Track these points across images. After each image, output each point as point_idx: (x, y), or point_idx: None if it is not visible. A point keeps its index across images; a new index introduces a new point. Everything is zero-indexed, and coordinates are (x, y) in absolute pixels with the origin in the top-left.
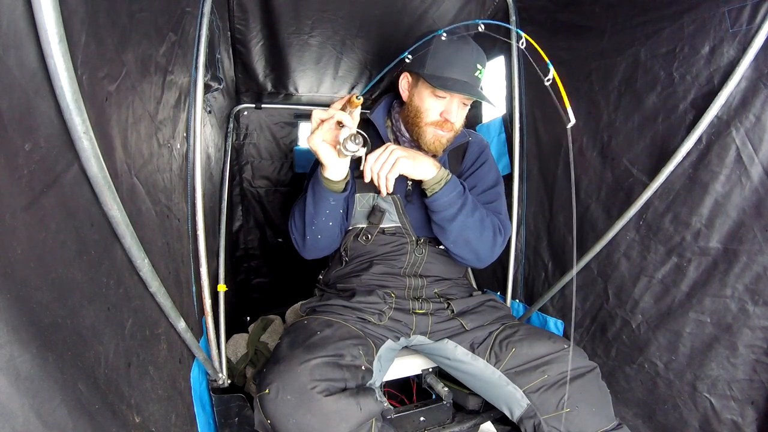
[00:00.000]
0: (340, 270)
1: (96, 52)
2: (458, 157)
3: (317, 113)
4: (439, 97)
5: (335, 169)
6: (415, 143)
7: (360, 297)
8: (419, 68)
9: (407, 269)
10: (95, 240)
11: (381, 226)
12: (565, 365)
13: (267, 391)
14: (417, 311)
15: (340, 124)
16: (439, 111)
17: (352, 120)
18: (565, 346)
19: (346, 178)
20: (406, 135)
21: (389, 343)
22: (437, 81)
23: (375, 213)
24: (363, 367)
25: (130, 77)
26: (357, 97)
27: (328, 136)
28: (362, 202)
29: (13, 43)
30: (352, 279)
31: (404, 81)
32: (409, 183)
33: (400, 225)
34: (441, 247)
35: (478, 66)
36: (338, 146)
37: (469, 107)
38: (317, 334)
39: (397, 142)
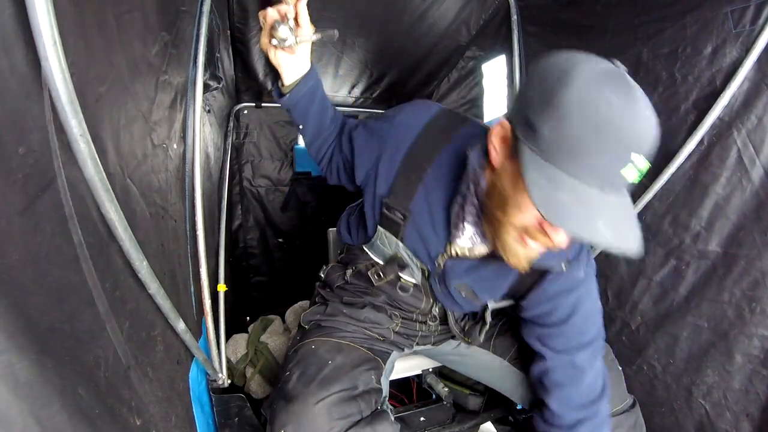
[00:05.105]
0: (344, 284)
1: (85, 53)
2: (537, 277)
3: (263, 14)
4: None
5: (288, 70)
6: (489, 240)
7: (368, 312)
8: (526, 133)
9: (418, 315)
10: (91, 243)
11: (399, 274)
12: None
13: None
14: (423, 331)
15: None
16: (538, 217)
17: (294, 11)
18: None
19: (298, 81)
20: (477, 216)
21: (394, 354)
22: (544, 201)
23: (393, 263)
24: (375, 389)
25: (122, 78)
26: None
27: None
28: (384, 239)
29: (5, 47)
30: (356, 296)
31: (498, 137)
32: (444, 257)
33: (419, 284)
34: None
35: (634, 160)
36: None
37: None
38: (329, 364)
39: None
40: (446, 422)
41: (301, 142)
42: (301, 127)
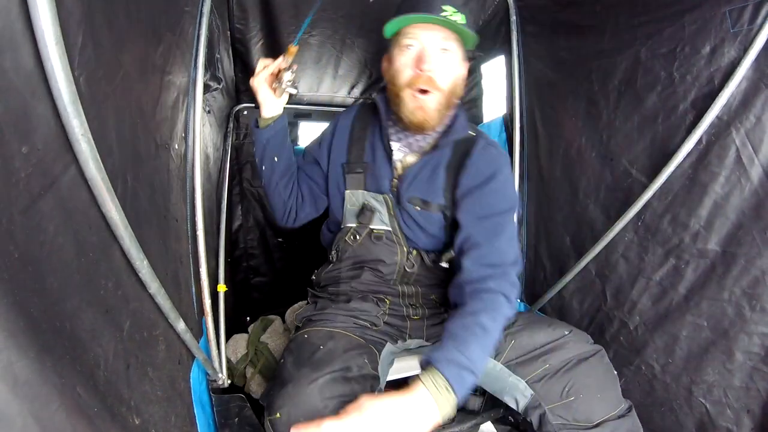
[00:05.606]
0: (330, 272)
1: (93, 53)
2: (459, 158)
3: (263, 60)
4: (407, 45)
5: (269, 106)
6: (401, 123)
7: (355, 303)
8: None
9: (398, 279)
10: (93, 242)
11: (371, 226)
12: (567, 352)
13: (278, 415)
14: (413, 317)
15: (280, 72)
16: (411, 63)
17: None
18: (566, 333)
19: (276, 117)
20: (392, 118)
21: (389, 346)
22: (391, 21)
23: (365, 212)
24: (370, 375)
25: (128, 78)
26: (294, 45)
27: (269, 79)
28: (352, 199)
29: (9, 46)
30: (343, 284)
31: (385, 62)
32: (395, 181)
33: (390, 230)
34: (442, 264)
35: None
36: (275, 84)
37: (455, 57)
38: (320, 348)
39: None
40: (446, 422)
41: (301, 144)
42: (276, 159)
